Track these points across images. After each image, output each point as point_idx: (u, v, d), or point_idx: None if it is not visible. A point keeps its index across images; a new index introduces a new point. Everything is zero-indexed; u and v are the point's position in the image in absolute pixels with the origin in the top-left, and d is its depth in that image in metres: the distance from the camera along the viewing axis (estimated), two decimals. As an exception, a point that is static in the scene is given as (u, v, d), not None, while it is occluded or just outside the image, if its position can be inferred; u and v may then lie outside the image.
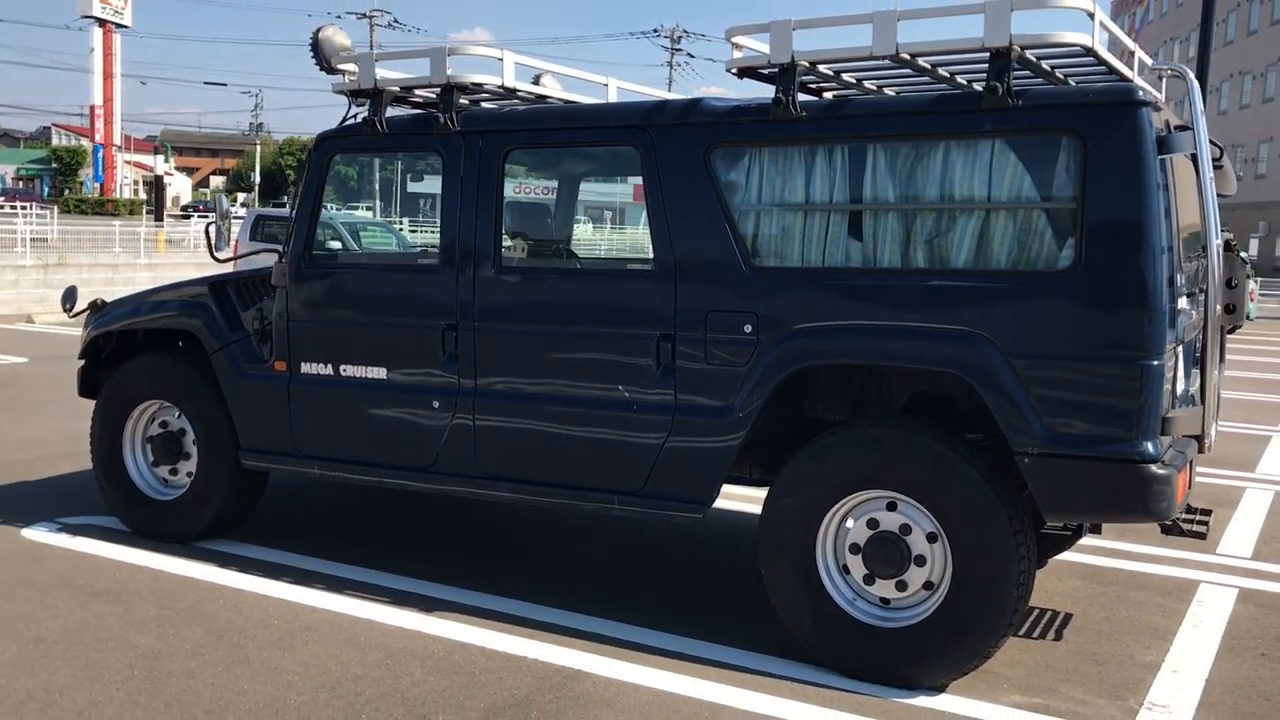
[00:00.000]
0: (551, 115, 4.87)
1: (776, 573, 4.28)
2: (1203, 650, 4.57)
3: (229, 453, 5.45)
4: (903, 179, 4.09)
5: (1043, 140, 3.88)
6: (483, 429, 4.76)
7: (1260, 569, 5.72)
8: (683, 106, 4.45)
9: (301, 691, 3.95)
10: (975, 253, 3.98)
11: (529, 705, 3.88)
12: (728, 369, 4.29)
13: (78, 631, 4.46)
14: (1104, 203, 3.74)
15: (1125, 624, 4.86)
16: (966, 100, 4.01)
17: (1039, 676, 4.25)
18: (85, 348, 5.93)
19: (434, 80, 4.78)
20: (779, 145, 4.24)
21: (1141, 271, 3.70)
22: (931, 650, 4.04)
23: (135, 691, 3.93)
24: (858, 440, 4.13)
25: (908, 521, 4.07)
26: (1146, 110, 3.72)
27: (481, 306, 4.73)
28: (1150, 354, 3.70)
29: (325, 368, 5.12)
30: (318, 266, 5.21)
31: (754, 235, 4.32)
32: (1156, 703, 4.05)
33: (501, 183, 4.74)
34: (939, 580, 4.05)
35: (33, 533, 5.78)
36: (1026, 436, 3.83)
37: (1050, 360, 3.82)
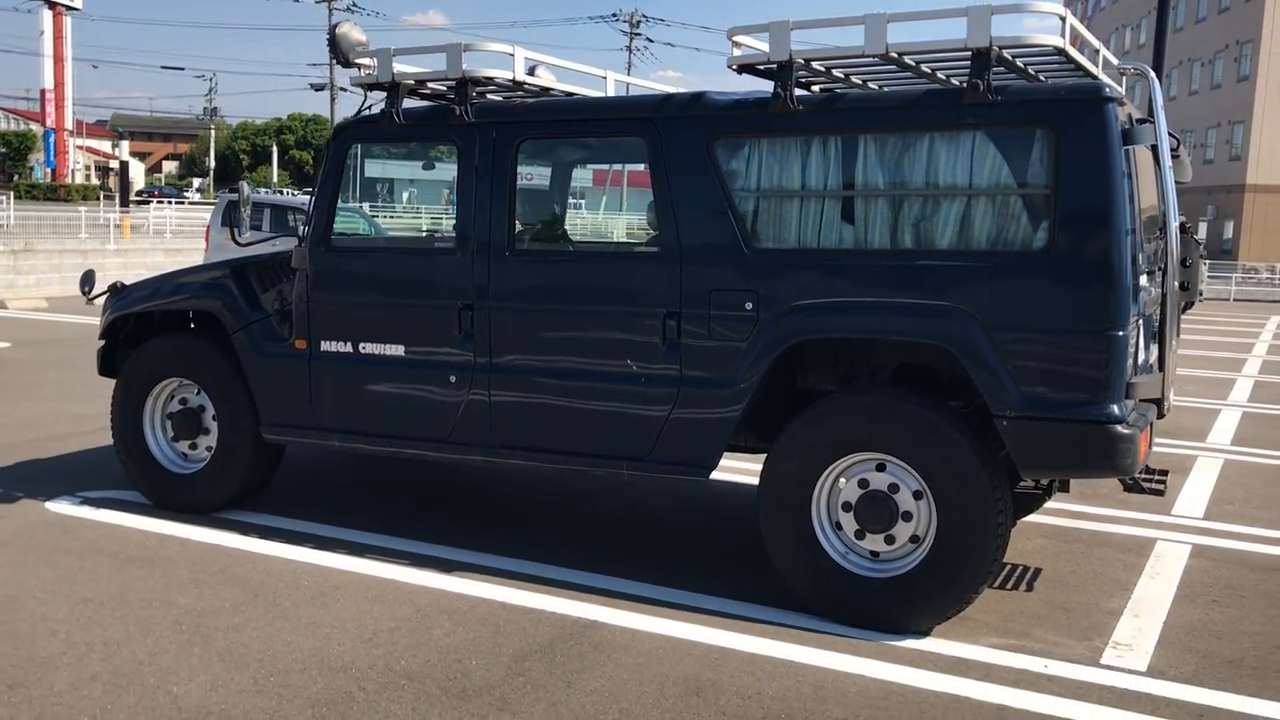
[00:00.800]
0: (563, 108, 5.21)
1: (775, 530, 4.65)
2: (1160, 598, 5.01)
3: (249, 427, 5.74)
4: (891, 167, 4.46)
5: (1019, 132, 4.27)
6: (498, 402, 5.10)
7: (1211, 528, 6.18)
8: (687, 100, 4.79)
9: (341, 642, 4.28)
10: (958, 235, 4.37)
11: (553, 651, 4.23)
12: (730, 344, 4.65)
13: (121, 593, 4.76)
14: (1075, 189, 4.14)
15: (1089, 576, 5.30)
16: (950, 95, 4.40)
17: (1013, 622, 4.66)
18: (105, 329, 6.19)
19: (450, 74, 5.09)
20: (777, 136, 4.61)
21: (1108, 252, 4.10)
22: (918, 598, 4.43)
23: (187, 644, 4.24)
24: (851, 407, 4.52)
25: (895, 481, 4.46)
26: (1113, 106, 4.12)
27: (496, 288, 5.06)
28: (1116, 326, 4.11)
29: (345, 346, 5.43)
30: (337, 250, 5.50)
31: (754, 219, 4.68)
32: (1120, 642, 4.47)
33: (515, 171, 5.06)
34: (924, 534, 4.44)
35: (57, 506, 6.04)
36: (1005, 402, 4.23)
37: (1026, 332, 4.22)
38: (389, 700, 3.80)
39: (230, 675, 3.96)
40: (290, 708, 3.72)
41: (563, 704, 3.79)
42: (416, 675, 4.00)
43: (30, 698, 3.75)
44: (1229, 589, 5.17)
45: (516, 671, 4.05)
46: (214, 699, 3.77)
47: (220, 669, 4.01)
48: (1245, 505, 6.74)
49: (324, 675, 3.98)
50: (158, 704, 3.72)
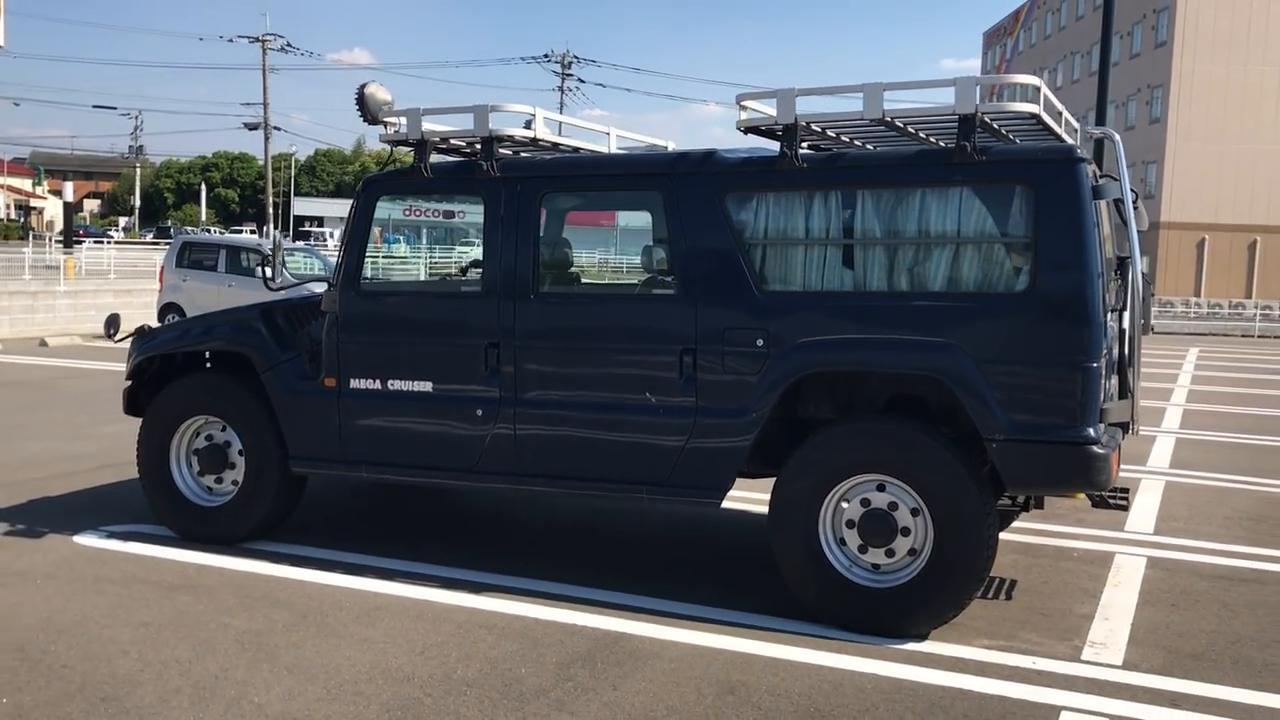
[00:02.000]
0: (584, 164, 5.68)
1: (785, 546, 5.12)
2: (1125, 603, 5.56)
3: (276, 461, 6.08)
4: (887, 218, 5.00)
5: (1002, 189, 4.83)
6: (523, 434, 5.51)
7: (1162, 541, 6.78)
8: (700, 158, 5.29)
9: (397, 656, 4.65)
10: (948, 278, 4.90)
11: (593, 659, 4.64)
12: (742, 378, 5.13)
13: (176, 617, 5.07)
14: (1051, 239, 4.70)
15: (1060, 586, 5.84)
16: (940, 155, 4.95)
17: (999, 626, 5.17)
18: (132, 370, 6.49)
19: (477, 133, 5.54)
20: (783, 191, 5.12)
21: (1082, 293, 4.66)
22: (916, 605, 4.92)
23: (253, 660, 4.58)
24: (854, 433, 5.02)
25: (895, 499, 4.96)
26: (1084, 165, 4.69)
27: (521, 328, 5.49)
28: (1090, 358, 4.66)
29: (374, 383, 5.81)
30: (365, 294, 5.89)
31: (762, 264, 5.18)
32: (1096, 641, 5.00)
33: (538, 221, 5.51)
34: (921, 547, 4.94)
35: (85, 539, 6.31)
36: (993, 426, 4.75)
37: (1011, 365, 4.76)
38: (456, 703, 4.18)
39: (303, 686, 4.31)
40: (367, 712, 4.09)
41: (615, 704, 4.21)
42: (474, 682, 4.38)
43: (125, 709, 4.07)
44: (1185, 594, 5.75)
45: (565, 677, 4.45)
46: (294, 707, 4.12)
47: (292, 681, 4.36)
48: (1189, 521, 7.36)
49: (390, 684, 4.35)
50: (243, 712, 4.07)
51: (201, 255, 18.79)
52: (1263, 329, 34.27)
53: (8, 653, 4.60)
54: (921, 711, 4.19)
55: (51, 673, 4.40)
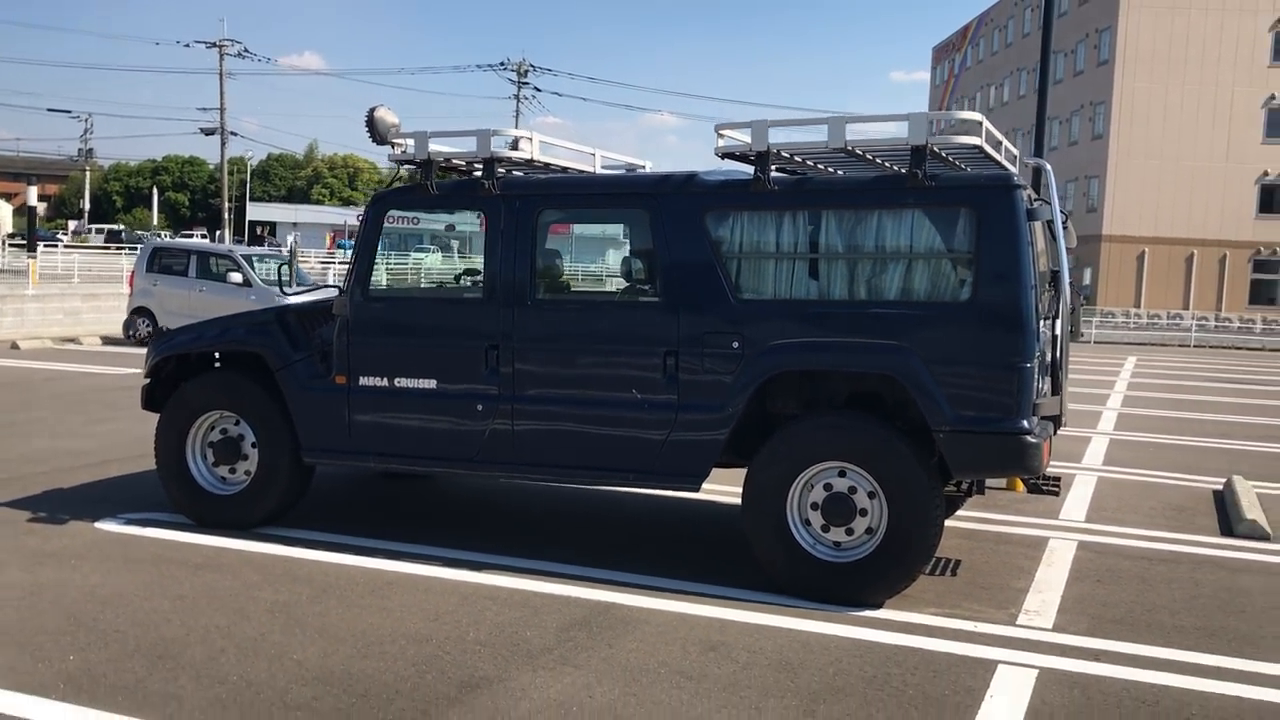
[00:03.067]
0: (577, 183, 6.29)
1: (756, 527, 5.74)
2: (1057, 579, 6.25)
3: (287, 452, 6.61)
4: (848, 236, 5.65)
5: (949, 211, 5.50)
6: (520, 427, 6.10)
7: (1092, 528, 7.50)
8: (683, 179, 5.92)
9: (413, 621, 5.22)
10: (901, 289, 5.56)
11: (589, 624, 5.24)
12: (719, 377, 5.75)
13: (207, 591, 5.60)
14: (991, 255, 5.37)
15: (998, 565, 6.51)
16: (895, 181, 5.61)
17: (945, 597, 5.83)
18: (151, 368, 6.99)
19: (480, 155, 6.13)
20: (757, 210, 5.76)
21: (1018, 303, 5.33)
22: (872, 577, 5.56)
23: (286, 626, 5.13)
24: (819, 426, 5.66)
25: (854, 484, 5.60)
26: (1020, 191, 5.37)
27: (519, 331, 6.08)
28: (1025, 360, 5.34)
29: (382, 380, 6.37)
30: (374, 299, 6.45)
31: (738, 275, 5.81)
32: (1030, 609, 5.68)
33: (535, 234, 6.11)
34: (877, 526, 5.58)
35: (106, 525, 6.80)
36: (941, 419, 5.41)
37: (956, 365, 5.42)
38: (472, 659, 4.76)
39: (335, 647, 4.87)
40: (397, 666, 4.66)
41: (612, 659, 4.80)
42: (486, 643, 4.96)
43: (180, 665, 4.61)
44: (1109, 572, 6.45)
45: (565, 638, 5.04)
46: (331, 663, 4.68)
47: (324, 643, 4.91)
48: (1117, 511, 8.09)
49: (411, 644, 4.92)
50: (286, 668, 4.62)
51: (171, 260, 19.15)
52: (1198, 339, 35.55)
53: (62, 620, 5.11)
54: (879, 664, 4.83)
55: (107, 636, 4.92)
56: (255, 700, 4.28)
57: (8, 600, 5.37)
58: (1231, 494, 8.31)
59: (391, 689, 4.42)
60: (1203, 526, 7.73)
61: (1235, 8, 43.05)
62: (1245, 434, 12.83)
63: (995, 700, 4.48)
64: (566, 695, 4.41)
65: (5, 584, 5.62)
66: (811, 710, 4.32)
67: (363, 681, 4.49)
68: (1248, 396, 17.60)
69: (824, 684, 4.59)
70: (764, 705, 4.36)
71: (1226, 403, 16.50)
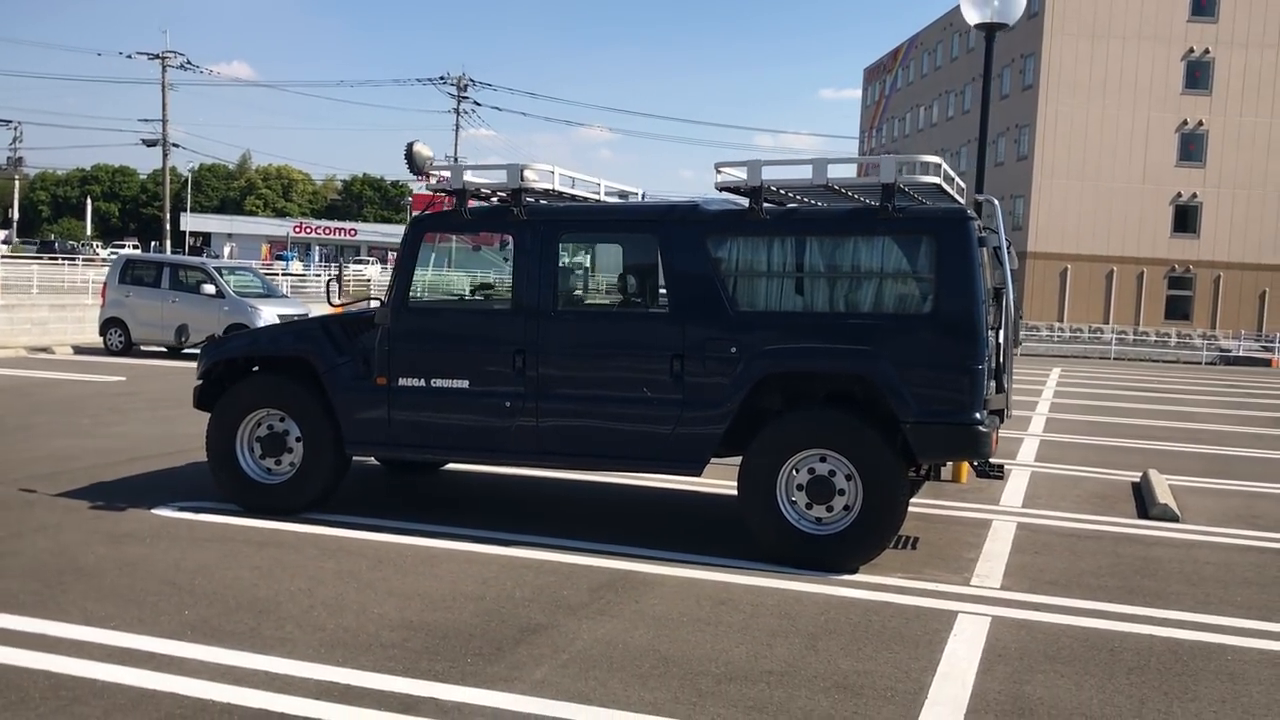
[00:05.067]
0: (594, 210, 7.26)
1: (750, 505, 6.74)
2: (1001, 552, 7.33)
3: (330, 446, 7.46)
4: (829, 258, 6.68)
5: (914, 238, 6.55)
6: (544, 422, 7.03)
7: (1028, 512, 8.63)
8: (687, 209, 6.92)
9: (465, 584, 6.12)
10: (874, 303, 6.60)
11: (614, 585, 6.19)
12: (718, 379, 6.74)
13: (278, 562, 6.45)
14: (948, 275, 6.43)
15: (951, 540, 7.58)
16: (869, 212, 6.66)
17: (909, 565, 6.87)
18: (203, 371, 7.81)
19: (509, 185, 7.07)
20: (751, 236, 6.77)
21: (971, 315, 6.39)
22: (849, 547, 6.58)
23: (359, 588, 6.00)
24: (805, 419, 6.67)
25: (834, 468, 6.61)
26: (973, 222, 6.45)
27: (543, 338, 7.02)
28: (977, 362, 6.40)
29: (419, 381, 7.26)
30: (413, 310, 7.35)
31: (734, 290, 6.81)
32: (980, 574, 6.74)
33: (557, 254, 7.06)
34: (853, 504, 6.59)
35: (163, 512, 7.60)
36: (907, 412, 6.45)
37: (920, 367, 6.46)
38: (525, 611, 5.68)
39: (406, 603, 5.76)
40: (464, 616, 5.57)
41: (640, 611, 5.76)
42: (532, 599, 5.89)
43: (282, 618, 5.47)
44: (1045, 546, 7.55)
45: (598, 596, 5.99)
46: (408, 615, 5.58)
47: (396, 601, 5.81)
48: (1049, 499, 9.24)
49: (469, 602, 5.83)
50: (371, 618, 5.51)
51: (144, 272, 19.74)
52: (1118, 351, 37.43)
53: (163, 585, 5.95)
54: (861, 614, 5.84)
55: (208, 597, 5.77)
56: (354, 642, 5.17)
57: (107, 570, 6.18)
58: (1147, 484, 9.49)
59: (465, 633, 5.33)
60: (1122, 511, 8.89)
61: (1151, 36, 45.30)
62: (1158, 436, 14.15)
63: (958, 638, 5.51)
64: (611, 635, 5.36)
65: (99, 558, 6.42)
66: (813, 645, 5.32)
67: (440, 628, 5.39)
68: (1161, 404, 19.05)
69: (819, 627, 5.59)
70: (773, 642, 5.34)
71: (1142, 409, 17.89)
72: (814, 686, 4.79)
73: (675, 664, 5.00)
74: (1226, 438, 14.39)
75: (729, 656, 5.13)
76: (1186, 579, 6.82)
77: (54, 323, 21.65)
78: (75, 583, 5.92)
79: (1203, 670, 5.18)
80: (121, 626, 5.24)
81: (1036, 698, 4.75)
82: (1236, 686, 4.99)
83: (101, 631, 5.16)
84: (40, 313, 21.76)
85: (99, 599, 5.66)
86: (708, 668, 4.97)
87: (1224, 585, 6.71)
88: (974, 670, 5.06)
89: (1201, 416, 17.12)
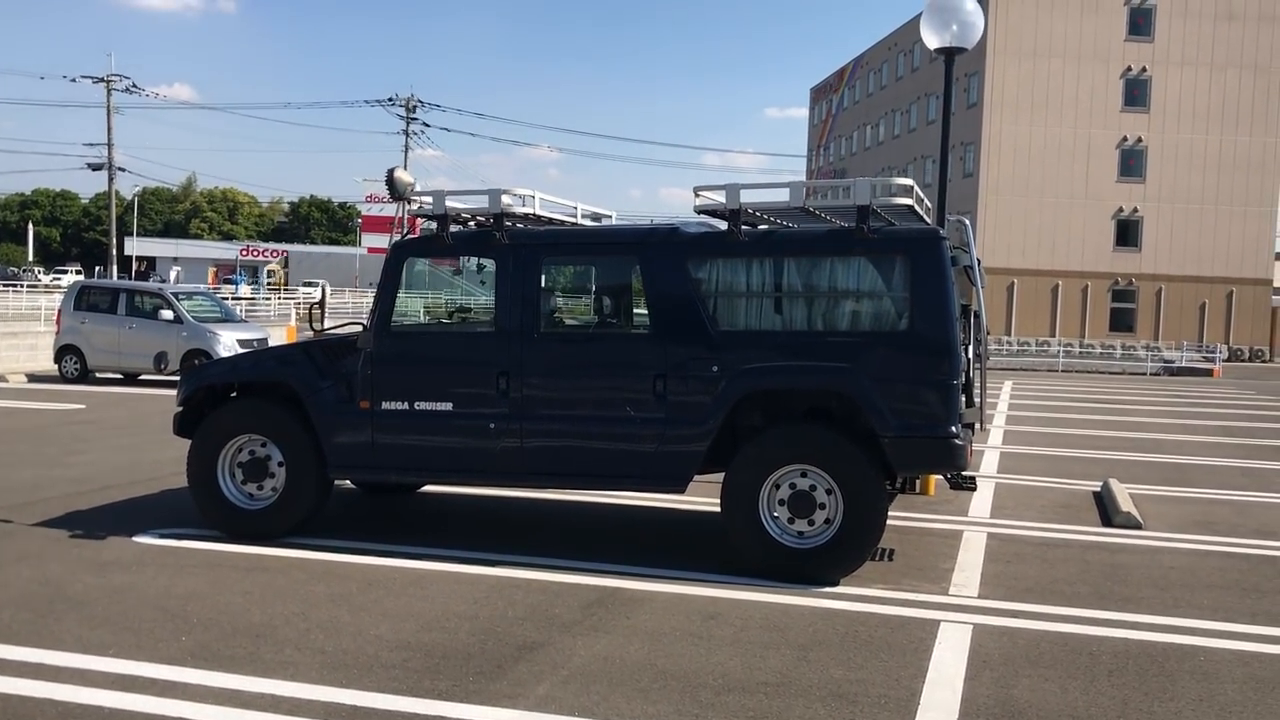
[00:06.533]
0: (576, 234, 7.39)
1: (733, 521, 6.87)
2: (975, 562, 7.52)
3: (312, 470, 7.51)
4: (806, 277, 6.86)
5: (888, 258, 6.74)
6: (528, 443, 7.13)
7: (997, 522, 8.85)
8: (667, 231, 7.07)
9: (457, 605, 6.20)
10: (852, 321, 6.79)
11: (602, 603, 6.29)
12: (700, 397, 6.88)
13: (268, 587, 6.48)
14: (923, 293, 6.63)
15: (926, 552, 7.77)
16: (845, 233, 6.85)
17: (888, 576, 7.04)
18: (184, 398, 7.82)
19: (490, 210, 7.18)
20: (730, 257, 6.93)
21: (945, 332, 6.59)
22: (830, 560, 6.73)
23: (352, 610, 6.06)
24: (786, 435, 6.83)
25: (814, 483, 6.77)
26: (945, 242, 6.66)
27: (527, 359, 7.12)
28: (951, 378, 6.60)
29: (402, 404, 7.33)
30: (395, 334, 7.42)
31: (715, 310, 6.96)
32: (957, 584, 6.92)
33: (539, 278, 7.17)
34: (834, 518, 6.75)
35: (144, 539, 7.59)
36: (886, 427, 6.63)
37: (896, 384, 6.64)
38: (519, 629, 5.77)
39: (401, 625, 5.83)
40: (460, 637, 5.65)
41: (632, 626, 5.87)
42: (525, 618, 5.98)
43: (279, 641, 5.52)
44: (1017, 555, 7.76)
45: (589, 613, 6.09)
46: (404, 636, 5.65)
47: (391, 623, 5.87)
48: (1015, 509, 9.48)
49: (463, 621, 5.91)
50: (368, 640, 5.57)
51: (99, 299, 19.55)
52: (1065, 364, 38.10)
53: (156, 611, 5.96)
54: (847, 624, 6.00)
55: (202, 623, 5.79)
56: (355, 663, 5.23)
57: (97, 598, 6.19)
58: (1109, 493, 9.76)
59: (464, 652, 5.41)
60: (1086, 519, 9.14)
61: (1090, 55, 46.35)
62: (1113, 446, 14.50)
63: (943, 645, 5.68)
64: (607, 651, 5.46)
65: (87, 586, 6.42)
66: (805, 656, 5.46)
67: (438, 648, 5.47)
68: (1111, 414, 19.48)
69: (809, 638, 5.74)
70: (766, 654, 5.48)
71: (1094, 419, 18.30)
72: (810, 696, 4.93)
73: (673, 677, 5.12)
74: (1178, 446, 14.78)
75: (724, 669, 5.25)
76: (1154, 584, 7.05)
77: (5, 350, 21.34)
78: (67, 611, 5.92)
79: (1178, 670, 5.39)
80: (121, 654, 5.27)
81: (1025, 701, 4.93)
82: (1212, 685, 5.20)
83: (102, 659, 5.18)
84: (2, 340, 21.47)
85: (93, 627, 5.67)
86: (705, 680, 5.09)
87: (1190, 589, 6.95)
88: (962, 676, 5.23)
89: (1152, 426, 17.55)
